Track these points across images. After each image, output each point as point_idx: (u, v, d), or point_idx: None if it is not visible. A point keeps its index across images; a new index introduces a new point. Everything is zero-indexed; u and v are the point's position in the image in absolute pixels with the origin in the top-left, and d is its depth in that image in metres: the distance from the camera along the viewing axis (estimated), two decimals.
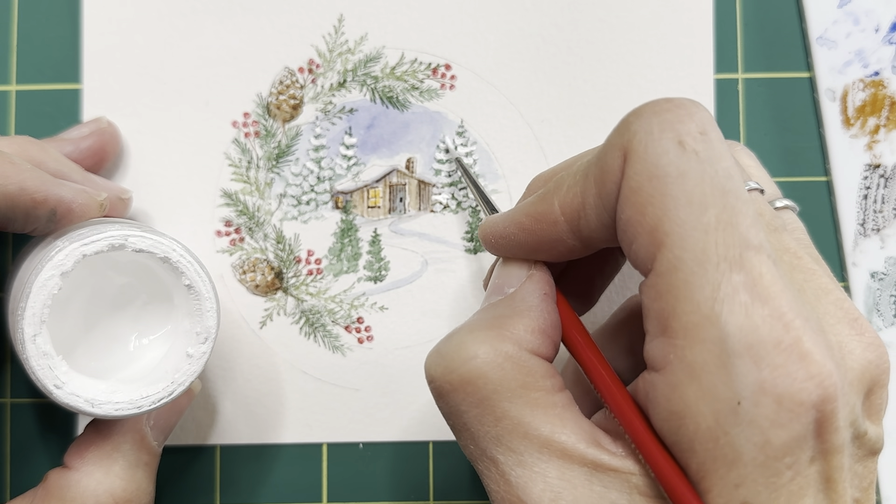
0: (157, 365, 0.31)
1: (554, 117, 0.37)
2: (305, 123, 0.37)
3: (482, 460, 0.26)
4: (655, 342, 0.24)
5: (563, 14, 0.37)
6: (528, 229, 0.28)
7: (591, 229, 0.26)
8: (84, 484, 0.30)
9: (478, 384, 0.25)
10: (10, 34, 0.37)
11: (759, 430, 0.22)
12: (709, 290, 0.23)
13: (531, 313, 0.27)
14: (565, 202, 0.26)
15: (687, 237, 0.23)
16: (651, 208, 0.24)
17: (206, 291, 0.30)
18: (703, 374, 0.23)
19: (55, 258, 0.28)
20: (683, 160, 0.24)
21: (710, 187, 0.23)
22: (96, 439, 0.31)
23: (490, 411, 0.25)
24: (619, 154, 0.25)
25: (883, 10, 0.37)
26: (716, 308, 0.22)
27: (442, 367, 0.26)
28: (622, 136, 0.25)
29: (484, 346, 0.26)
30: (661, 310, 0.23)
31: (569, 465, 0.25)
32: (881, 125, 0.37)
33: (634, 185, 0.24)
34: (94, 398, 0.29)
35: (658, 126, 0.24)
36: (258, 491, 0.37)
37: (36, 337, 0.28)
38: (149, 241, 0.29)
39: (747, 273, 0.23)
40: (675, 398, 0.23)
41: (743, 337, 0.22)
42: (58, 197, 0.30)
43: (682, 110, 0.25)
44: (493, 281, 0.29)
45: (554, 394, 0.26)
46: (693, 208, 0.23)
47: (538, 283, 0.28)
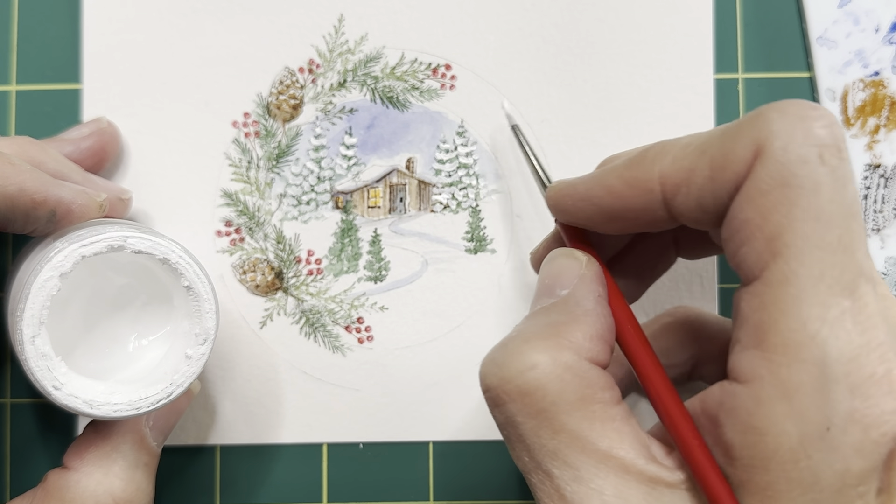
0: (156, 366, 0.31)
1: (554, 117, 0.37)
2: (305, 123, 0.37)
3: (536, 473, 0.25)
4: (746, 353, 0.23)
5: (563, 14, 0.37)
6: (617, 193, 0.26)
7: (687, 207, 0.25)
8: (83, 484, 0.30)
9: (536, 396, 0.25)
10: (10, 34, 0.37)
11: (842, 458, 0.22)
12: (818, 310, 0.22)
13: (588, 318, 0.26)
14: (668, 173, 0.25)
15: (808, 253, 0.22)
16: (777, 216, 0.23)
17: (205, 293, 0.30)
18: (798, 394, 0.22)
19: (54, 259, 0.28)
20: (821, 174, 0.23)
21: (838, 207, 0.23)
22: (95, 440, 0.31)
23: (548, 424, 0.25)
24: (750, 146, 0.24)
25: (883, 10, 0.37)
26: (823, 330, 0.22)
27: (498, 377, 0.25)
28: (759, 129, 0.24)
29: (543, 356, 0.25)
30: (762, 321, 0.23)
31: (626, 482, 0.24)
32: (881, 125, 0.37)
33: (764, 186, 0.23)
34: (92, 399, 0.29)
35: (803, 132, 0.23)
36: (258, 491, 0.37)
37: (35, 338, 0.28)
38: (148, 243, 0.29)
39: (856, 300, 0.22)
40: (759, 413, 0.23)
41: (843, 363, 0.22)
42: (57, 198, 0.30)
43: (826, 120, 0.24)
44: (543, 281, 0.28)
45: (613, 406, 0.25)
46: (820, 226, 0.23)
47: (592, 284, 0.27)
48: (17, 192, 0.29)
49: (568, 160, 0.37)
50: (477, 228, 0.37)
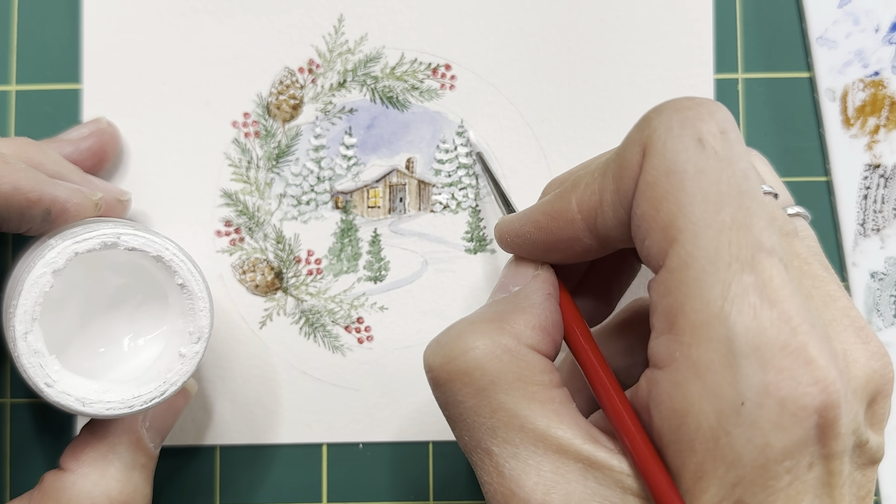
0: (150, 365, 0.31)
1: (554, 117, 0.37)
2: (305, 123, 0.37)
3: (476, 452, 0.26)
4: (661, 339, 0.24)
5: (563, 14, 0.37)
6: (544, 227, 0.27)
7: (607, 227, 0.26)
8: (80, 486, 0.30)
9: (475, 375, 0.26)
10: (10, 34, 0.37)
11: (761, 432, 0.22)
12: (719, 289, 0.23)
13: (533, 310, 0.27)
14: (583, 199, 0.26)
15: (701, 235, 0.23)
16: (666, 204, 0.24)
17: (199, 291, 0.30)
18: (708, 372, 0.23)
19: (47, 256, 0.28)
20: (702, 158, 0.24)
21: (726, 186, 0.23)
22: (92, 441, 0.31)
23: (486, 402, 0.25)
24: (638, 149, 0.25)
25: (883, 10, 0.37)
26: (725, 308, 0.22)
27: (440, 357, 0.26)
28: (642, 132, 0.25)
29: (483, 338, 0.26)
30: (670, 306, 0.23)
31: (563, 460, 0.25)
32: (881, 125, 0.37)
33: (651, 179, 0.24)
34: (85, 397, 0.29)
35: (678, 123, 0.24)
36: (258, 491, 0.37)
37: (27, 335, 0.28)
38: (141, 240, 0.29)
39: (758, 275, 0.23)
40: (678, 396, 0.23)
41: (750, 338, 0.22)
42: (52, 196, 0.30)
43: (703, 108, 0.25)
44: (500, 280, 0.29)
45: (551, 389, 0.26)
46: (709, 206, 0.23)
47: (543, 283, 0.28)
48: (12, 190, 0.29)
49: (568, 160, 0.37)
50: (477, 228, 0.37)
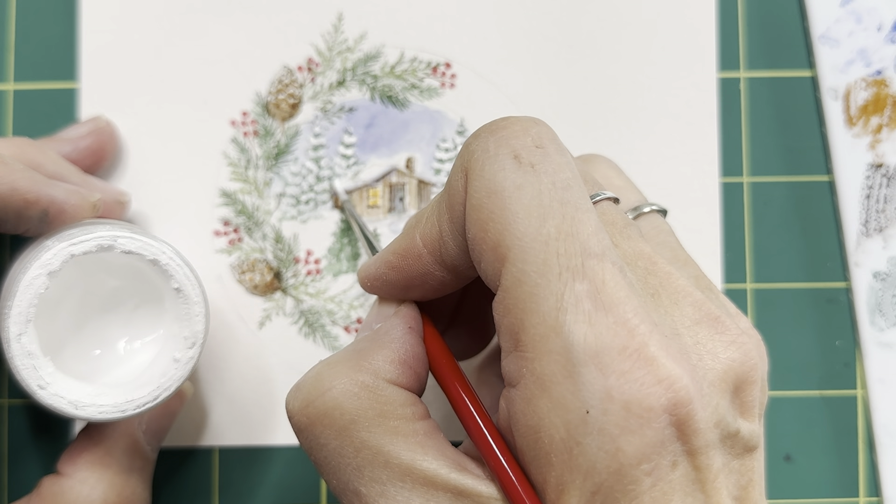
0: (144, 369, 0.31)
1: (554, 116, 0.37)
2: (304, 122, 0.37)
3: (345, 495, 0.25)
4: (509, 358, 0.24)
5: (564, 12, 0.37)
6: (396, 267, 0.28)
7: (452, 257, 0.26)
8: (77, 490, 0.30)
9: (334, 415, 0.25)
10: (7, 32, 0.37)
11: (610, 438, 0.22)
12: (553, 300, 0.23)
13: (392, 345, 0.27)
14: (425, 233, 0.27)
15: (528, 249, 0.23)
16: (492, 224, 0.24)
17: (196, 296, 0.30)
18: (552, 385, 0.22)
19: (42, 257, 0.28)
20: (520, 174, 0.24)
21: (547, 199, 0.23)
22: (89, 445, 0.31)
23: (349, 442, 0.25)
24: (461, 175, 0.25)
25: (885, 9, 0.37)
26: (560, 318, 0.22)
27: (299, 401, 0.26)
28: (463, 157, 0.25)
29: (339, 377, 0.25)
30: (511, 325, 0.23)
31: (432, 492, 0.24)
32: (884, 124, 0.37)
33: (475, 202, 0.24)
34: (77, 400, 0.29)
35: (494, 143, 0.25)
36: (257, 493, 0.37)
37: (21, 336, 0.28)
38: (138, 243, 0.29)
39: (590, 281, 0.22)
40: (529, 412, 0.23)
41: (587, 345, 0.22)
42: (50, 197, 0.30)
43: (516, 126, 0.25)
44: (365, 319, 0.29)
45: (415, 421, 0.25)
46: (532, 220, 0.23)
47: (403, 318, 0.28)
48: (9, 191, 0.29)
49: None
50: None
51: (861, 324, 0.37)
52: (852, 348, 0.37)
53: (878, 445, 0.36)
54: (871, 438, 0.37)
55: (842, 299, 0.37)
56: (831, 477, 0.37)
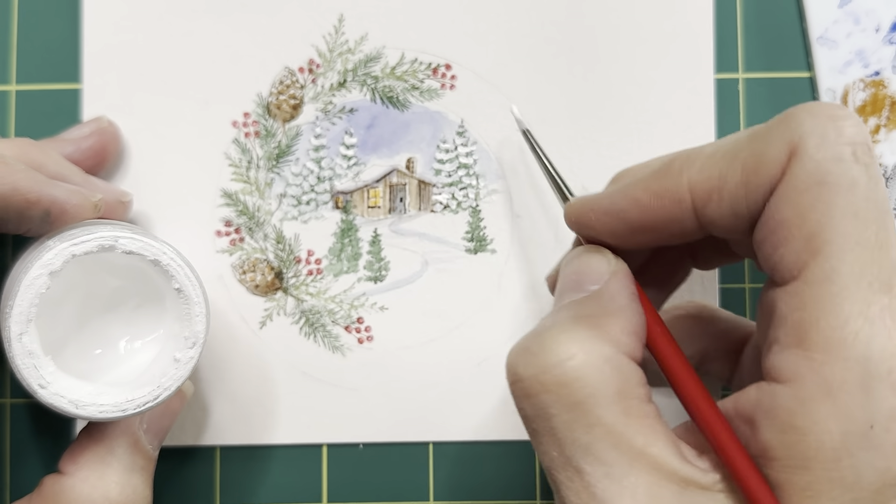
0: (145, 369, 0.31)
1: (554, 117, 0.37)
2: (305, 123, 0.37)
3: (565, 469, 0.24)
4: (787, 353, 0.23)
5: (563, 14, 0.37)
6: (645, 205, 0.26)
7: (719, 215, 0.25)
8: (79, 489, 0.30)
9: (574, 387, 0.24)
10: (10, 34, 0.37)
11: (884, 456, 0.22)
12: (858, 307, 0.22)
13: (624, 313, 0.25)
14: (698, 181, 0.25)
15: (848, 250, 0.22)
16: (814, 214, 0.23)
17: (196, 296, 0.30)
18: (840, 392, 0.22)
19: (44, 257, 0.28)
20: (856, 171, 0.23)
21: (874, 204, 0.23)
22: (90, 444, 0.31)
23: (583, 417, 0.24)
24: (784, 147, 0.24)
25: (883, 10, 0.37)
26: (865, 328, 0.22)
27: (533, 367, 0.24)
28: (791, 130, 0.24)
29: (582, 346, 0.24)
30: (802, 320, 0.23)
31: (659, 481, 0.23)
32: (882, 125, 0.37)
33: (801, 185, 0.23)
34: (78, 399, 0.29)
35: (835, 131, 0.23)
36: (258, 492, 0.37)
37: (22, 335, 0.28)
38: (139, 243, 0.29)
39: (893, 297, 0.22)
40: (801, 412, 0.22)
41: (886, 361, 0.22)
42: (51, 197, 0.30)
43: (855, 120, 0.24)
44: (569, 276, 0.27)
45: (647, 403, 0.25)
46: (858, 222, 0.23)
47: (625, 281, 0.26)
48: (11, 191, 0.29)
49: (568, 160, 0.37)
50: (477, 228, 0.37)
51: None
52: None
53: None
54: None
55: None
56: None
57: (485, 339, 0.37)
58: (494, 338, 0.37)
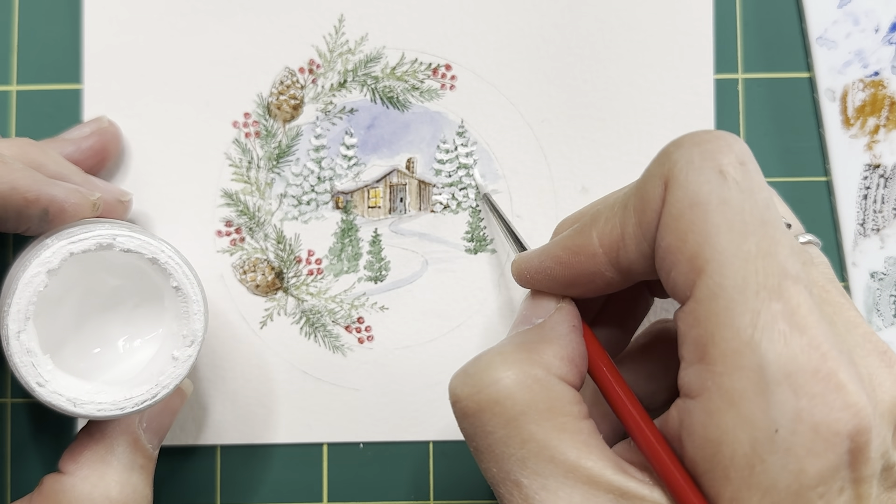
0: (143, 367, 0.31)
1: (554, 117, 0.37)
2: (306, 123, 0.37)
3: (505, 484, 0.25)
4: (692, 369, 0.24)
5: (563, 14, 0.37)
6: (565, 263, 0.28)
7: (630, 260, 0.26)
8: (79, 488, 0.30)
9: (506, 405, 0.25)
10: (10, 34, 0.37)
11: (795, 459, 0.22)
12: (749, 317, 0.23)
13: (560, 341, 0.27)
14: (604, 233, 0.27)
15: (728, 264, 0.23)
16: (692, 235, 0.24)
17: (194, 294, 0.30)
18: (742, 400, 0.23)
19: (42, 255, 0.28)
20: (724, 189, 0.24)
21: (750, 216, 0.24)
22: (90, 443, 0.31)
23: (517, 432, 0.25)
24: (659, 183, 0.25)
25: (883, 11, 0.37)
26: (755, 335, 0.23)
27: (469, 387, 0.26)
28: (662, 165, 0.25)
29: (513, 368, 0.26)
30: (700, 336, 0.24)
31: (594, 492, 0.24)
32: (881, 125, 0.37)
33: (676, 212, 0.24)
34: (76, 398, 0.29)
35: (699, 155, 0.25)
36: (258, 491, 0.37)
37: (20, 334, 0.28)
38: (137, 242, 0.29)
39: (786, 302, 0.23)
40: (711, 425, 0.23)
41: (782, 365, 0.22)
42: (50, 196, 0.30)
43: (721, 141, 0.25)
44: (521, 312, 0.29)
45: (580, 420, 0.26)
46: (734, 236, 0.23)
47: (567, 315, 0.28)
48: (10, 190, 0.29)
49: (568, 160, 0.37)
50: (477, 228, 0.37)
51: None
52: None
53: None
54: None
55: None
56: None
57: (485, 339, 0.37)
58: (494, 338, 0.37)
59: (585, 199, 0.37)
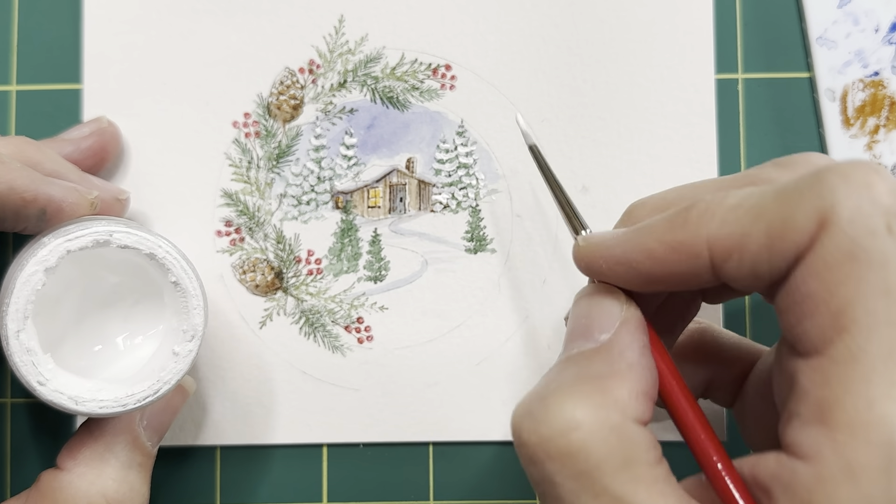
0: (144, 364, 0.31)
1: (554, 117, 0.37)
2: (306, 123, 0.37)
3: None
4: (808, 430, 0.22)
5: (563, 14, 0.37)
6: (659, 258, 0.25)
7: (739, 274, 0.24)
8: (76, 485, 0.30)
9: (579, 457, 0.23)
10: (10, 34, 0.37)
11: None
12: (886, 389, 0.21)
13: (633, 373, 0.25)
14: (718, 237, 0.24)
15: (876, 330, 0.22)
16: (843, 290, 0.22)
17: (193, 289, 0.30)
18: (863, 477, 0.21)
19: (39, 254, 0.28)
20: (889, 246, 0.22)
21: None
22: (88, 440, 0.31)
23: (590, 487, 0.23)
24: (813, 215, 0.23)
25: (882, 11, 0.37)
26: (890, 411, 0.21)
27: (538, 435, 0.24)
28: (822, 197, 0.23)
29: (586, 414, 0.23)
30: (826, 398, 0.22)
31: None
32: (881, 125, 0.37)
33: (831, 259, 0.22)
34: (78, 396, 0.29)
35: (869, 201, 0.22)
36: (258, 491, 0.37)
37: (19, 333, 0.28)
38: (134, 238, 0.29)
39: None
40: (821, 492, 0.22)
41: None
42: (47, 195, 0.30)
43: (891, 186, 0.23)
44: (579, 320, 0.27)
45: (656, 467, 0.24)
46: (889, 301, 0.22)
47: (636, 331, 0.26)
48: (7, 190, 0.29)
49: (568, 160, 0.37)
50: (477, 228, 0.37)
51: None
52: None
53: None
54: None
55: None
56: None
57: (484, 339, 0.37)
58: (494, 338, 0.37)
59: (586, 198, 0.37)
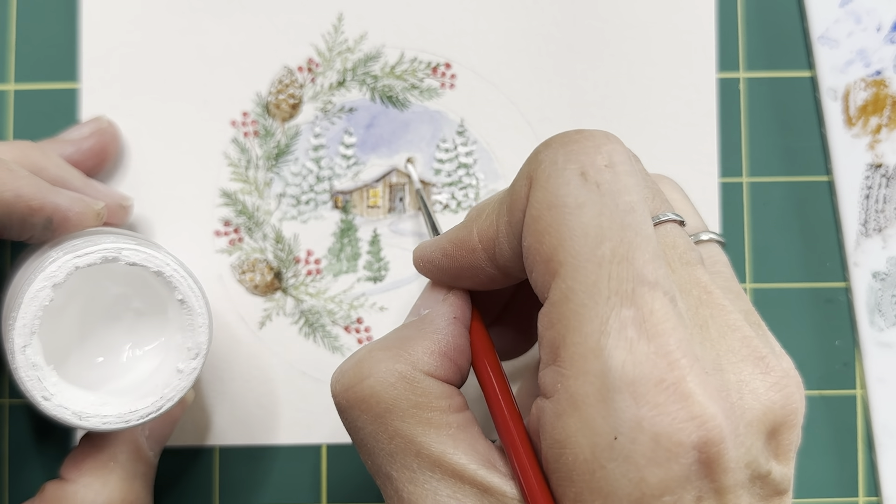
0: (147, 378, 0.31)
1: (554, 116, 0.37)
2: (305, 123, 0.37)
3: (378, 476, 0.26)
4: (547, 370, 0.24)
5: (563, 13, 0.37)
6: (450, 255, 0.28)
7: (504, 258, 0.26)
8: (82, 496, 0.30)
9: (371, 402, 0.26)
10: (8, 33, 0.37)
11: (635, 467, 0.22)
12: (597, 322, 0.23)
13: (435, 336, 0.27)
14: (483, 229, 0.27)
15: (579, 269, 0.23)
16: (548, 237, 0.24)
17: (199, 307, 0.30)
18: (584, 405, 0.23)
19: (47, 269, 0.28)
20: (583, 192, 0.24)
21: (608, 220, 0.23)
22: (92, 451, 0.31)
23: (383, 429, 0.26)
24: (526, 182, 0.25)
25: (885, 9, 0.37)
26: (601, 341, 0.22)
27: (340, 384, 0.27)
28: (531, 164, 0.25)
29: (379, 366, 0.26)
30: (553, 339, 0.24)
31: (459, 486, 0.25)
32: (883, 124, 0.37)
33: (535, 213, 0.24)
34: (81, 411, 0.29)
35: (563, 156, 0.25)
36: (258, 492, 0.37)
37: (26, 348, 0.28)
38: (142, 255, 0.29)
39: (638, 309, 0.22)
40: (558, 427, 0.23)
41: (624, 373, 0.22)
42: (54, 205, 0.30)
43: (589, 142, 0.25)
44: (415, 302, 0.30)
45: (449, 414, 0.26)
46: (588, 240, 0.23)
47: (450, 307, 0.28)
48: (14, 198, 0.29)
49: None
50: None
51: (860, 324, 0.37)
52: (851, 348, 0.37)
53: (878, 445, 0.36)
54: (871, 438, 0.37)
55: (841, 299, 0.37)
56: (830, 476, 0.37)
57: None
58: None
59: None
